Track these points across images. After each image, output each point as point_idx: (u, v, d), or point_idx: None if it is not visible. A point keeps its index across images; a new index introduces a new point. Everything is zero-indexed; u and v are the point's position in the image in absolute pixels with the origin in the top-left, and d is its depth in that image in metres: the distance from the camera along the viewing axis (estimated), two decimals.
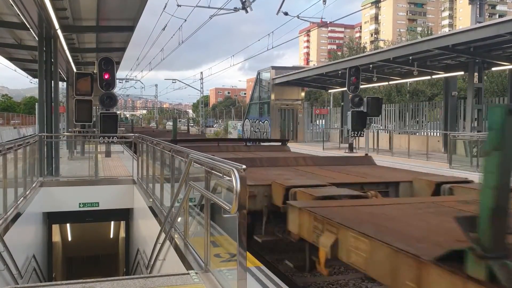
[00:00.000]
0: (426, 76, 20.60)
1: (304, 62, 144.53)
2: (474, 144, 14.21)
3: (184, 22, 22.97)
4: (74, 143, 18.17)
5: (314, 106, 39.62)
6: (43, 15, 10.72)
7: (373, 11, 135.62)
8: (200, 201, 5.04)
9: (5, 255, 6.36)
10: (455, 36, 14.67)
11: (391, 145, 19.28)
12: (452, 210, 4.22)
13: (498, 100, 18.80)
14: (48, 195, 10.71)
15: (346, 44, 61.31)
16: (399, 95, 37.15)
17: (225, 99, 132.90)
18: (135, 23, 12.48)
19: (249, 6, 17.61)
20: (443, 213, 4.14)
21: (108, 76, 11.45)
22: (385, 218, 3.97)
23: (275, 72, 28.74)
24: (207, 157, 4.40)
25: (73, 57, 17.43)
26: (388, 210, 4.36)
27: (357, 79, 17.74)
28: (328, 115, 31.22)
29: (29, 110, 67.35)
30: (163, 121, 79.57)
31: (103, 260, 17.27)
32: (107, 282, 3.96)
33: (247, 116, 33.22)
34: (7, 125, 47.29)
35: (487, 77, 31.07)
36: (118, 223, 14.97)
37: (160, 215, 7.29)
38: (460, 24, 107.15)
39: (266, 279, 4.18)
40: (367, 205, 4.67)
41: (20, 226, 7.96)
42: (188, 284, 3.98)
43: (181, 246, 5.27)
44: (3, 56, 18.80)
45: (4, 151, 7.24)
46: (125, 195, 11.37)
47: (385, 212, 4.22)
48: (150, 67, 44.43)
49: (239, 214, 3.26)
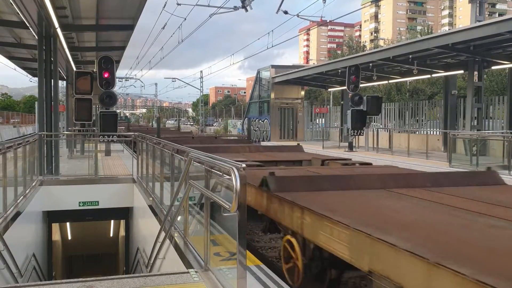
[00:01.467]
0: (426, 74, 20.58)
1: (304, 61, 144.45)
2: (473, 142, 14.21)
3: (184, 21, 22.98)
4: (74, 142, 18.18)
5: (314, 105, 39.62)
6: (43, 14, 10.71)
7: (373, 10, 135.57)
8: (200, 199, 5.04)
9: (5, 254, 6.37)
10: (455, 34, 14.65)
11: (391, 144, 19.27)
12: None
13: (498, 99, 18.77)
14: (48, 194, 10.72)
15: (346, 43, 61.31)
16: (399, 93, 37.14)
17: (225, 98, 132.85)
18: (134, 21, 12.47)
19: (249, 5, 17.61)
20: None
21: (108, 75, 11.44)
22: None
23: (275, 71, 28.71)
24: (207, 155, 4.41)
25: (72, 56, 17.42)
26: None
27: (357, 78, 17.72)
28: (328, 114, 31.21)
29: (29, 109, 67.37)
30: (163, 120, 79.55)
31: (103, 258, 17.29)
32: (107, 281, 3.96)
33: (247, 114, 33.21)
34: (6, 124, 47.29)
35: (487, 76, 31.07)
36: (118, 222, 14.98)
37: (160, 214, 7.29)
38: (460, 23, 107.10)
39: (266, 278, 4.18)
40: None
41: (20, 225, 7.96)
42: (188, 283, 3.98)
43: (181, 245, 5.28)
44: (3, 55, 18.79)
45: (4, 150, 7.24)
46: (125, 194, 11.37)
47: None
48: (149, 65, 44.45)
49: (239, 212, 3.27)
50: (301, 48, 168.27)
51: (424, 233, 3.56)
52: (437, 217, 4.21)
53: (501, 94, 24.73)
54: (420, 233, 3.54)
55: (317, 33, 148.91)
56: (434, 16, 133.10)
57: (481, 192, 5.50)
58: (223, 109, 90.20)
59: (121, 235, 14.81)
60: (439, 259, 2.74)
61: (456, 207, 4.57)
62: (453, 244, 3.26)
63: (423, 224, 3.91)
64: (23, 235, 8.59)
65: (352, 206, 4.79)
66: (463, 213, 4.32)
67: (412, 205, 4.75)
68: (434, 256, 2.81)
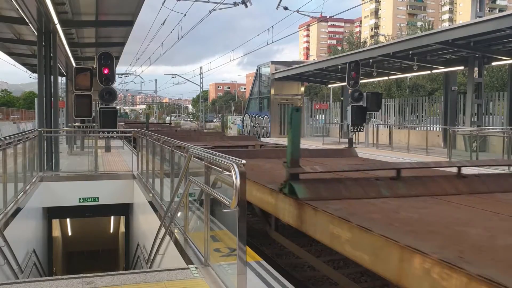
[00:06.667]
0: (426, 70, 20.57)
1: (304, 57, 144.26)
2: (473, 138, 14.22)
3: (183, 17, 22.93)
4: (74, 138, 18.17)
5: (314, 101, 39.56)
6: (42, 10, 10.68)
7: (373, 6, 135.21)
8: (200, 196, 5.04)
9: (5, 250, 6.38)
10: (455, 30, 14.64)
11: (391, 140, 19.28)
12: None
13: (498, 95, 18.77)
14: (48, 190, 10.72)
15: (346, 38, 61.20)
16: (399, 89, 37.13)
17: (224, 94, 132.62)
18: (134, 17, 12.45)
19: (249, 1, 17.59)
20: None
21: (107, 71, 11.43)
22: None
23: (274, 67, 28.68)
24: (207, 152, 4.40)
25: (72, 52, 17.38)
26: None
27: (357, 73, 17.69)
28: (328, 110, 31.19)
29: (29, 105, 67.34)
30: (163, 116, 79.51)
31: (103, 255, 17.32)
32: (107, 277, 3.97)
33: (247, 111, 33.20)
34: (6, 120, 47.25)
35: (487, 72, 31.03)
36: (118, 218, 14.99)
37: (160, 210, 7.30)
38: (460, 19, 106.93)
39: (266, 274, 4.19)
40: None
41: (20, 221, 7.97)
42: (188, 279, 3.99)
43: (181, 241, 5.28)
44: (2, 51, 18.76)
45: (4, 146, 7.24)
46: (125, 190, 11.37)
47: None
48: (149, 62, 44.47)
49: (239, 208, 3.27)
50: (301, 44, 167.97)
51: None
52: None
53: (501, 90, 24.73)
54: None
55: (317, 29, 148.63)
56: (435, 12, 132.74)
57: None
58: (223, 105, 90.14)
59: (121, 231, 14.83)
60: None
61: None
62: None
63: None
64: (23, 231, 8.60)
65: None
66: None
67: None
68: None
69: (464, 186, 4.92)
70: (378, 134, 20.15)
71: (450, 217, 3.79)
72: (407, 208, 4.11)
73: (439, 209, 4.16)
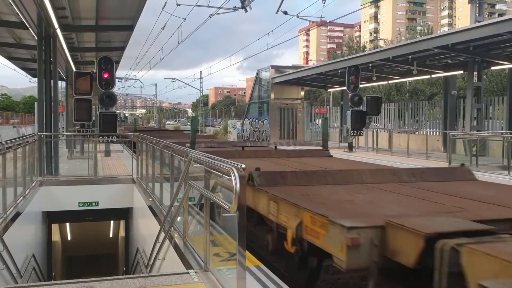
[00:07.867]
0: (425, 75, 20.58)
1: (304, 61, 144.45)
2: (473, 143, 14.21)
3: (183, 21, 22.97)
4: (74, 142, 18.17)
5: (314, 105, 39.57)
6: (42, 14, 10.70)
7: (373, 10, 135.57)
8: (199, 200, 5.04)
9: (4, 255, 6.36)
10: (455, 35, 14.66)
11: (391, 144, 19.27)
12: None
13: (497, 100, 18.77)
14: (48, 194, 10.71)
15: (346, 43, 61.26)
16: (399, 94, 37.11)
17: (224, 98, 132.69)
18: (134, 22, 12.47)
19: (249, 5, 17.62)
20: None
21: (107, 75, 11.44)
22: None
23: (274, 71, 28.69)
24: (207, 156, 4.40)
25: (72, 56, 17.41)
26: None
27: (357, 78, 17.73)
28: (327, 114, 31.19)
29: (29, 109, 67.35)
30: (163, 120, 79.54)
31: (102, 259, 17.28)
32: (107, 282, 3.96)
33: (247, 115, 33.20)
34: (6, 124, 47.26)
35: (487, 76, 31.03)
36: (118, 222, 14.98)
37: (159, 214, 7.29)
38: (459, 23, 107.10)
39: (266, 278, 4.18)
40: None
41: (20, 226, 7.96)
42: (187, 283, 3.98)
43: (180, 245, 5.27)
44: (3, 55, 18.77)
45: (3, 150, 7.24)
46: (125, 195, 11.37)
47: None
48: (149, 66, 44.44)
49: (238, 213, 3.26)
50: (300, 48, 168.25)
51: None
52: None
53: (501, 94, 24.71)
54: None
55: (316, 33, 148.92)
56: (434, 16, 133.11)
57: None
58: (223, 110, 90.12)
59: (120, 236, 14.81)
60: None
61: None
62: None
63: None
64: (22, 235, 8.59)
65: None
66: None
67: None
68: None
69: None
70: (378, 138, 20.14)
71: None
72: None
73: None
